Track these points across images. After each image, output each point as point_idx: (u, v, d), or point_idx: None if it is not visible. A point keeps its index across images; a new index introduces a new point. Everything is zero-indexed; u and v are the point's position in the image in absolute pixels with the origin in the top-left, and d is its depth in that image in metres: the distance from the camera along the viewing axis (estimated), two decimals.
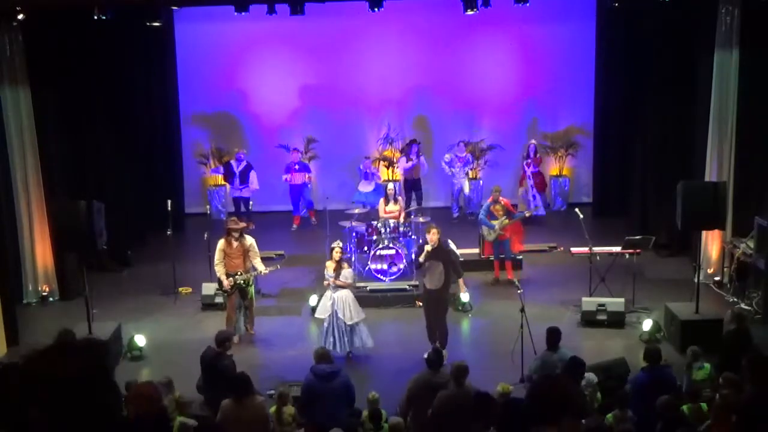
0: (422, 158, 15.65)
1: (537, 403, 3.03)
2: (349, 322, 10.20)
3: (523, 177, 15.88)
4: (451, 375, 7.40)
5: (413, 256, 10.74)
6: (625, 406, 7.43)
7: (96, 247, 10.67)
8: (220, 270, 10.70)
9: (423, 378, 7.84)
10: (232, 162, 15.64)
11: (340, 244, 10.58)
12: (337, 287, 10.23)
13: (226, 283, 10.60)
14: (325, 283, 10.45)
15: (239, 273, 10.64)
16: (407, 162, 15.55)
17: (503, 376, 9.23)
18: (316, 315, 10.51)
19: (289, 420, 7.76)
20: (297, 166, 15.66)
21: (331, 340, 10.15)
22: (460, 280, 10.46)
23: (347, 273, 10.34)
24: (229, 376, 7.99)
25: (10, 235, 11.89)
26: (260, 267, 10.74)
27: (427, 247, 10.06)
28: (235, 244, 10.71)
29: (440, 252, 10.15)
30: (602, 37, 15.53)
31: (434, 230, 10.14)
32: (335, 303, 10.19)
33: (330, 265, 10.34)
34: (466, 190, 16.05)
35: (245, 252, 10.73)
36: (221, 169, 15.86)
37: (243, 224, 11.17)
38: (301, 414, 8.00)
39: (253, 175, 15.47)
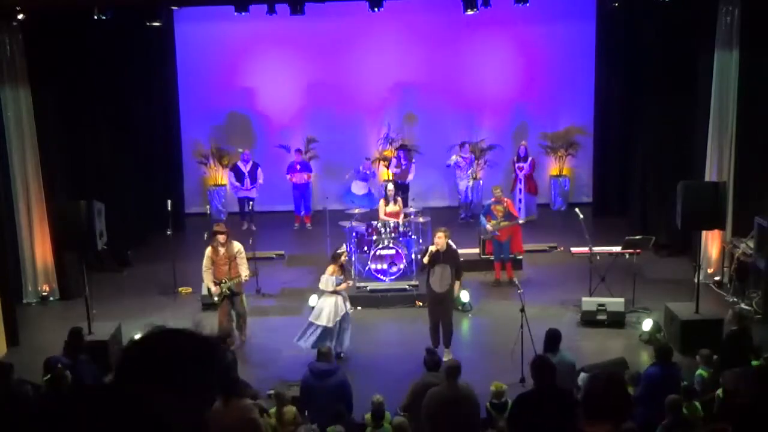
0: (412, 165, 15.67)
1: (597, 400, 3.01)
2: (351, 311, 10.34)
3: (514, 180, 15.82)
4: (443, 373, 7.41)
5: (419, 257, 10.72)
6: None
7: (96, 247, 10.67)
8: (207, 277, 10.53)
9: (423, 381, 7.84)
10: (239, 163, 15.67)
11: (345, 249, 10.49)
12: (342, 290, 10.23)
13: (214, 290, 10.44)
14: (339, 287, 10.18)
15: (224, 281, 10.43)
16: (395, 168, 15.58)
17: (503, 376, 9.24)
18: (327, 324, 10.16)
19: (291, 419, 7.75)
20: (299, 166, 15.71)
21: (329, 344, 10.04)
22: (457, 282, 10.38)
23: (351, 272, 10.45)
24: (230, 373, 7.97)
25: (10, 235, 11.89)
26: (243, 273, 10.55)
27: (432, 248, 10.07)
28: (221, 251, 10.47)
29: (449, 255, 10.14)
30: (602, 37, 15.54)
31: (441, 233, 10.10)
32: (345, 306, 10.18)
33: (334, 269, 10.22)
34: (462, 187, 15.99)
35: (232, 258, 10.50)
36: (232, 175, 15.81)
37: (227, 230, 10.83)
38: (302, 414, 8.00)
39: (260, 172, 15.61)
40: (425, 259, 10.17)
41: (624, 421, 3.02)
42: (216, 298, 10.61)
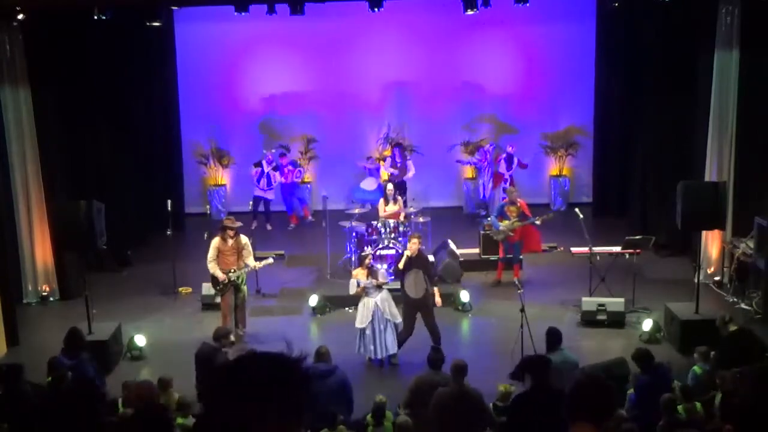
0: (409, 162, 15.61)
1: (580, 401, 3.01)
2: (398, 321, 10.16)
3: (500, 178, 15.67)
4: (450, 373, 7.42)
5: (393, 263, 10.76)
6: (618, 405, 7.42)
7: (96, 247, 10.68)
8: (213, 266, 10.66)
9: (425, 378, 7.86)
10: (263, 162, 15.65)
11: (370, 250, 10.66)
12: (376, 290, 10.12)
13: (221, 276, 10.56)
14: (358, 290, 10.20)
15: (232, 270, 10.64)
16: (391, 167, 15.52)
17: (503, 376, 9.23)
18: (357, 325, 10.15)
19: None
20: (290, 166, 15.71)
21: (372, 348, 10.06)
22: (435, 289, 10.37)
23: (383, 272, 10.30)
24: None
25: (10, 235, 11.89)
26: (252, 263, 10.78)
27: (407, 253, 10.15)
28: (230, 242, 10.72)
29: (420, 260, 10.28)
30: (602, 37, 15.53)
31: (415, 239, 10.32)
32: (379, 307, 10.07)
33: (361, 272, 10.23)
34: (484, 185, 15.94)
35: (239, 250, 10.74)
36: (256, 172, 15.72)
37: (239, 223, 11.10)
38: None
39: (276, 176, 15.59)
40: (400, 265, 10.18)
41: (607, 422, 3.02)
42: (219, 287, 10.71)
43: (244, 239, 10.88)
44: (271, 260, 11.24)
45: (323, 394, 8.02)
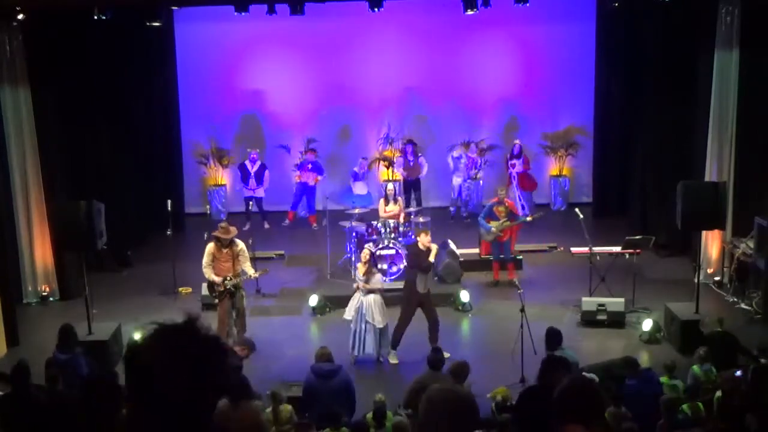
0: (421, 158, 15.64)
1: (568, 402, 3.02)
2: (380, 326, 10.17)
3: (509, 178, 15.76)
4: (450, 372, 7.38)
5: (406, 259, 10.77)
6: (619, 403, 7.42)
7: (96, 247, 10.67)
8: (208, 272, 10.52)
9: (425, 379, 7.84)
10: (246, 162, 15.63)
11: (371, 247, 10.76)
12: (367, 291, 10.18)
13: (218, 279, 10.44)
14: (355, 285, 10.39)
15: (228, 278, 10.45)
16: (404, 168, 15.51)
17: (503, 376, 9.26)
18: (345, 316, 10.42)
19: (286, 418, 7.73)
20: (310, 166, 15.66)
21: (350, 342, 10.17)
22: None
23: (378, 278, 10.31)
24: (237, 375, 7.94)
25: (10, 235, 11.89)
26: (250, 271, 10.60)
27: (434, 247, 10.20)
28: (224, 249, 10.53)
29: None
30: (602, 37, 15.53)
31: (427, 233, 10.48)
32: (363, 307, 10.13)
33: (361, 268, 10.32)
34: (456, 183, 15.91)
35: (235, 256, 10.52)
36: (238, 173, 15.77)
37: (233, 230, 10.79)
38: (300, 413, 7.98)
39: (267, 175, 15.58)
40: (431, 258, 10.20)
41: (596, 424, 3.02)
42: (215, 293, 10.63)
43: (239, 245, 10.63)
44: (267, 269, 11.28)
45: (327, 394, 8.02)
